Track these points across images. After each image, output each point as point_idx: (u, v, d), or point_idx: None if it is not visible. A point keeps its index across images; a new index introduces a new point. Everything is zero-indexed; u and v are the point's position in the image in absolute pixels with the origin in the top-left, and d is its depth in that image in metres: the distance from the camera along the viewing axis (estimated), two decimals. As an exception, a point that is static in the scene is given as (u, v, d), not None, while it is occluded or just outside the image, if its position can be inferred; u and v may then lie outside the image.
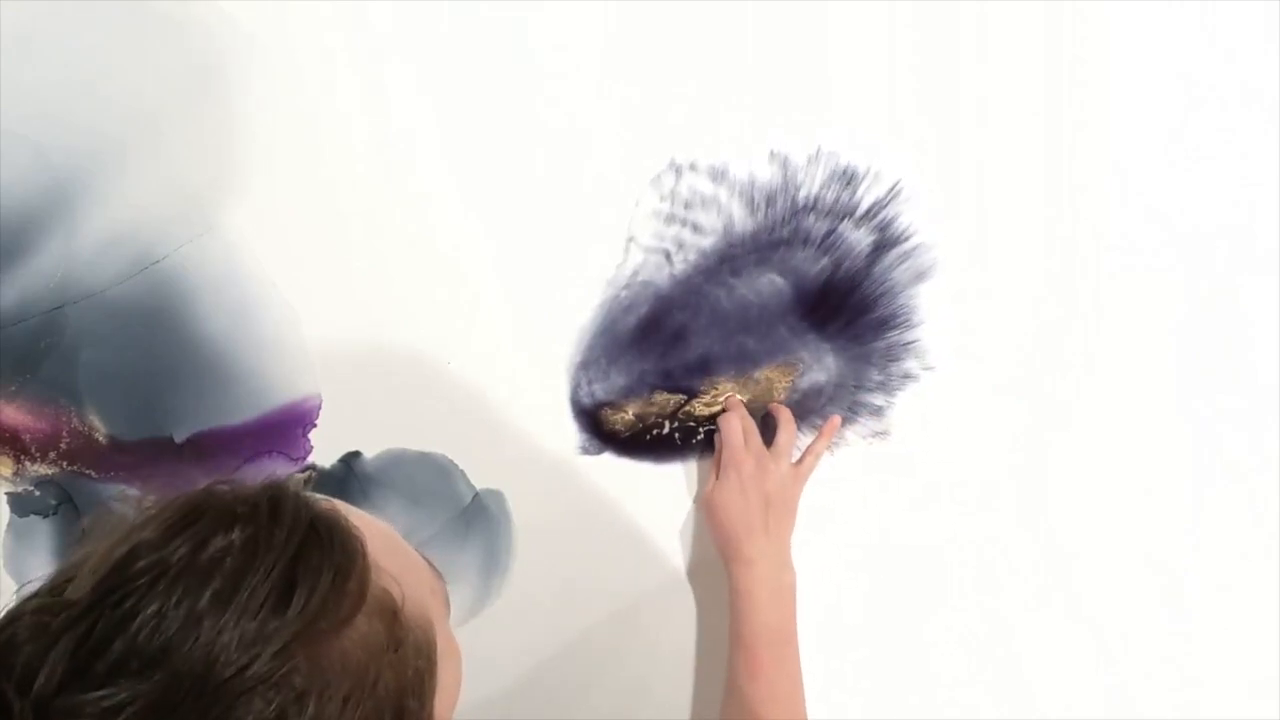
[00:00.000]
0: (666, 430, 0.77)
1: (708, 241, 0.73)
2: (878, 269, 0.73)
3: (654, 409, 0.77)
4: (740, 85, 0.70)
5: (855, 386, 0.76)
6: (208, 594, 0.36)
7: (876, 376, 0.76)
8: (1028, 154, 0.73)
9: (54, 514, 0.75)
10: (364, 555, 0.41)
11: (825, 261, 0.72)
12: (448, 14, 0.68)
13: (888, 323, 0.75)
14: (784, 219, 0.72)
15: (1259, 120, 0.73)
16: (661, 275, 0.73)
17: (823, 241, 0.72)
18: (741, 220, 0.72)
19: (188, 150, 0.69)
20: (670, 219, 0.72)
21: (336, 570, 0.39)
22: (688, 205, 0.72)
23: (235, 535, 0.38)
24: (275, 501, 0.40)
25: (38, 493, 0.74)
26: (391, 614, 0.41)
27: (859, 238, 0.72)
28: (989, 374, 0.77)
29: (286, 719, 0.36)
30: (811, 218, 0.71)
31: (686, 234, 0.72)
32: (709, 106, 0.71)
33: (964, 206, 0.74)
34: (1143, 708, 0.83)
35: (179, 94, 0.68)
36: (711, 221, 0.72)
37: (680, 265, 0.73)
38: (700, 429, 0.77)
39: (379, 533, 0.44)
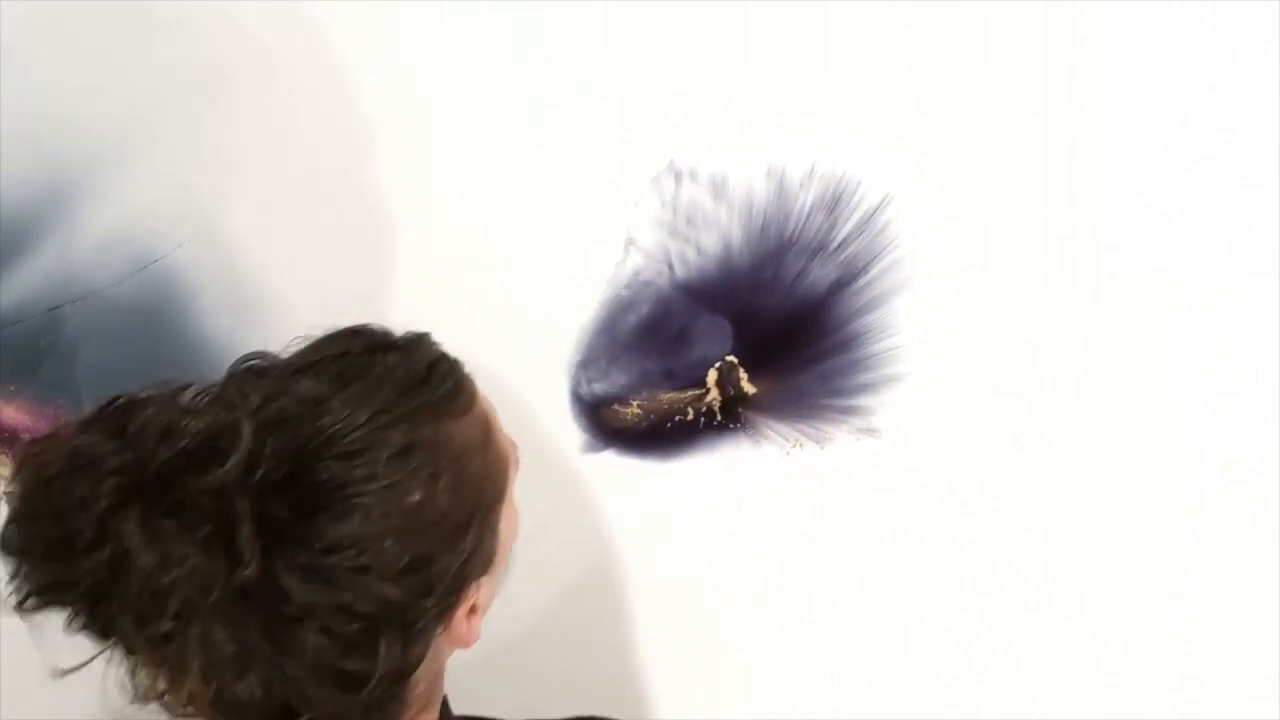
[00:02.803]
0: (691, 417, 0.77)
1: (709, 264, 0.73)
2: (838, 302, 0.75)
3: (660, 405, 0.77)
4: (740, 85, 0.70)
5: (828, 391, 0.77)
6: (374, 376, 0.52)
7: (846, 384, 0.77)
8: (1027, 154, 0.73)
9: (54, 514, 0.75)
10: (473, 383, 0.58)
11: (791, 302, 0.74)
12: (447, 14, 0.69)
13: (844, 346, 0.76)
14: (771, 255, 0.73)
15: (1259, 120, 0.73)
16: (662, 279, 0.74)
17: (792, 281, 0.73)
18: (740, 247, 0.72)
19: (187, 150, 0.69)
20: (673, 232, 0.72)
21: (458, 381, 0.56)
22: (690, 221, 0.72)
23: (391, 354, 0.54)
24: (417, 338, 0.57)
25: (38, 493, 0.74)
26: (486, 424, 0.57)
27: (825, 275, 0.73)
28: (989, 374, 0.77)
29: (410, 452, 0.50)
30: (792, 255, 0.73)
31: (690, 252, 0.73)
32: (709, 107, 0.71)
33: (963, 206, 0.74)
34: (1143, 708, 0.82)
35: (179, 94, 0.68)
36: (713, 244, 0.73)
37: (681, 273, 0.73)
38: (718, 416, 0.77)
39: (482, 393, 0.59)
